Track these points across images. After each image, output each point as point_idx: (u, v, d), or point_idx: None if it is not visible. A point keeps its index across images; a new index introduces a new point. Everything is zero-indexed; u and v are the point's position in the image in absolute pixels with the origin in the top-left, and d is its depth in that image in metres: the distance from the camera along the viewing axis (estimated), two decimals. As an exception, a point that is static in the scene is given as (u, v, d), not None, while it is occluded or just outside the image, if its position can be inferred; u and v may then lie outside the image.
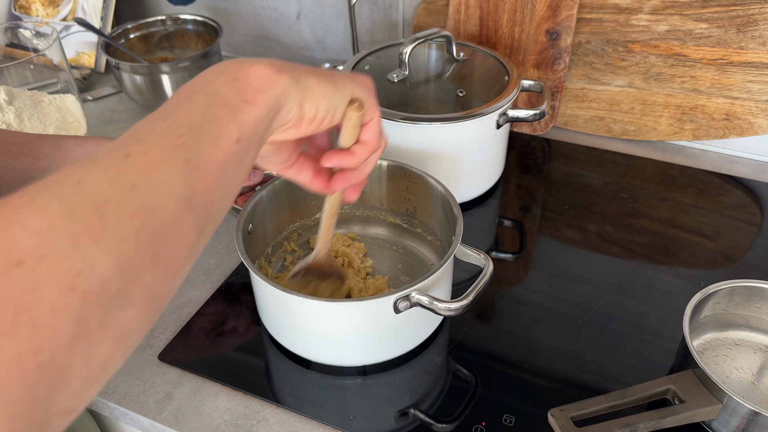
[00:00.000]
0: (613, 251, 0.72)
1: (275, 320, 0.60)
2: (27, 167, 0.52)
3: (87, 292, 0.24)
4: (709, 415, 0.51)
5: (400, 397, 0.57)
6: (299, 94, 0.38)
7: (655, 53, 0.83)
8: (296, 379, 0.59)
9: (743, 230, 0.75)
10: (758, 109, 0.81)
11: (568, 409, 0.50)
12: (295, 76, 0.38)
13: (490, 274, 0.55)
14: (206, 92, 0.34)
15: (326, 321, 0.55)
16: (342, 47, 1.06)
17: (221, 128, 0.33)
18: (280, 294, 0.53)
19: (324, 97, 0.40)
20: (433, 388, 0.58)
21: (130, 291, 0.26)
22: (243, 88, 0.35)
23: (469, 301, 0.52)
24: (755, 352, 0.57)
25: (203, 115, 0.32)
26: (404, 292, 0.52)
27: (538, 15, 0.84)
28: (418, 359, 0.60)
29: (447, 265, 0.56)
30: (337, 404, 0.57)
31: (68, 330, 0.23)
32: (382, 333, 0.57)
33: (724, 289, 0.57)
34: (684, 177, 0.84)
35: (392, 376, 0.59)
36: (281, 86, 0.37)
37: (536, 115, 0.74)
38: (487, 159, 0.78)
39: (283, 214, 0.68)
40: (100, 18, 1.08)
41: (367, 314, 0.54)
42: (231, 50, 1.17)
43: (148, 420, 0.56)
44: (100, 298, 0.24)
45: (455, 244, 0.56)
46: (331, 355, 0.58)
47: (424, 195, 0.66)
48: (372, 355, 0.59)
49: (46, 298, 0.23)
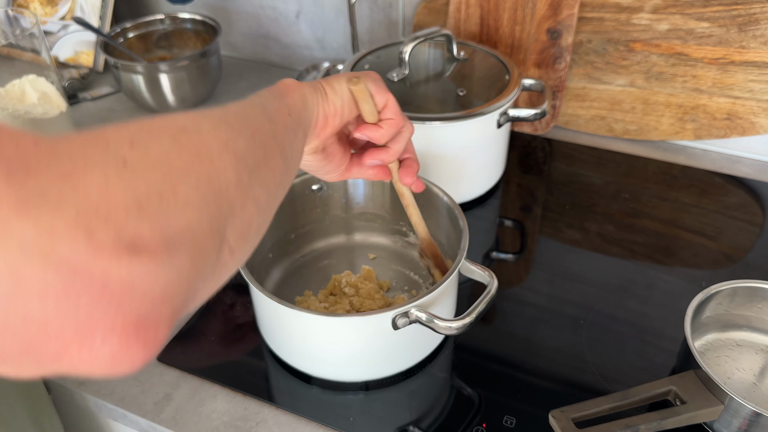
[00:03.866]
0: (615, 251, 0.72)
1: (273, 333, 0.59)
2: None
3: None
4: (711, 416, 0.50)
5: (401, 414, 0.56)
6: (319, 96, 0.46)
7: (656, 52, 0.83)
8: (297, 393, 0.58)
9: (745, 230, 0.75)
10: (760, 109, 0.81)
11: (569, 410, 0.50)
12: (311, 85, 0.46)
13: (494, 292, 0.53)
14: (252, 97, 0.41)
15: (324, 336, 0.54)
16: (342, 46, 1.06)
17: (276, 105, 0.40)
18: (277, 307, 0.52)
19: (335, 95, 0.47)
20: (435, 405, 0.57)
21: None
22: (279, 90, 0.43)
23: (471, 320, 0.50)
24: (757, 352, 0.57)
25: (260, 99, 0.40)
26: (403, 309, 0.51)
27: (539, 14, 0.84)
28: (422, 373, 0.59)
29: (449, 281, 0.54)
30: (338, 416, 0.56)
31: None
32: (382, 349, 0.55)
33: (726, 289, 0.56)
34: (685, 177, 0.84)
35: (395, 392, 0.58)
36: (305, 89, 0.45)
37: (537, 115, 0.74)
38: (488, 159, 0.77)
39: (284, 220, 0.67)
40: (99, 17, 1.07)
41: (365, 330, 0.53)
42: (230, 49, 1.16)
43: (146, 421, 0.56)
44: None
45: (459, 259, 0.55)
46: (330, 370, 0.57)
47: (431, 205, 0.65)
48: (372, 370, 0.57)
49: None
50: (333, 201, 0.70)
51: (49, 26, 1.11)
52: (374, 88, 0.48)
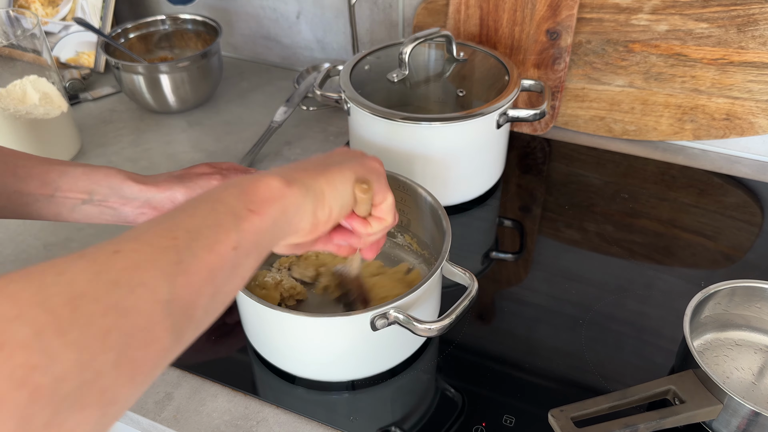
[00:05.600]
0: (614, 251, 0.72)
1: (256, 332, 0.59)
2: (33, 191, 0.52)
3: (38, 389, 0.23)
4: (710, 415, 0.50)
5: (386, 413, 0.56)
6: (312, 203, 0.39)
7: (655, 53, 0.83)
8: (281, 393, 0.58)
9: (744, 230, 0.75)
10: (759, 109, 0.81)
11: (569, 409, 0.50)
12: (305, 185, 0.38)
13: (474, 294, 0.52)
14: (212, 200, 0.34)
15: (304, 336, 0.54)
16: (342, 47, 1.06)
17: (220, 234, 0.32)
18: (257, 307, 0.52)
19: (335, 198, 0.41)
20: (419, 404, 0.57)
21: (85, 392, 0.25)
22: (249, 199, 0.35)
23: (450, 322, 0.50)
24: (756, 352, 0.57)
25: (204, 220, 0.32)
26: (381, 310, 0.50)
27: (538, 15, 0.84)
28: (410, 370, 0.59)
29: (430, 282, 0.53)
30: (327, 412, 0.56)
31: (8, 426, 0.22)
32: (363, 349, 0.55)
33: (725, 289, 0.57)
34: (684, 177, 0.84)
35: (381, 390, 0.58)
36: (291, 199, 0.37)
37: (536, 115, 0.74)
38: (487, 159, 0.78)
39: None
40: (100, 18, 1.08)
41: (344, 331, 0.53)
42: (230, 50, 1.16)
43: (147, 420, 0.56)
44: (51, 397, 0.23)
45: (440, 261, 0.55)
46: (313, 370, 0.57)
47: (417, 207, 0.65)
48: (355, 370, 0.57)
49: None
50: None
51: (50, 27, 1.11)
52: (378, 187, 0.44)
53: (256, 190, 0.36)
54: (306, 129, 0.96)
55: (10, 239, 0.76)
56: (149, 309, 0.28)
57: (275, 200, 0.36)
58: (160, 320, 0.28)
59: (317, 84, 0.80)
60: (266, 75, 1.10)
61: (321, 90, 0.78)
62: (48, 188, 0.52)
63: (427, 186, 0.64)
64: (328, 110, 1.00)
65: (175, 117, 1.00)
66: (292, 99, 0.96)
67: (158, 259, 0.29)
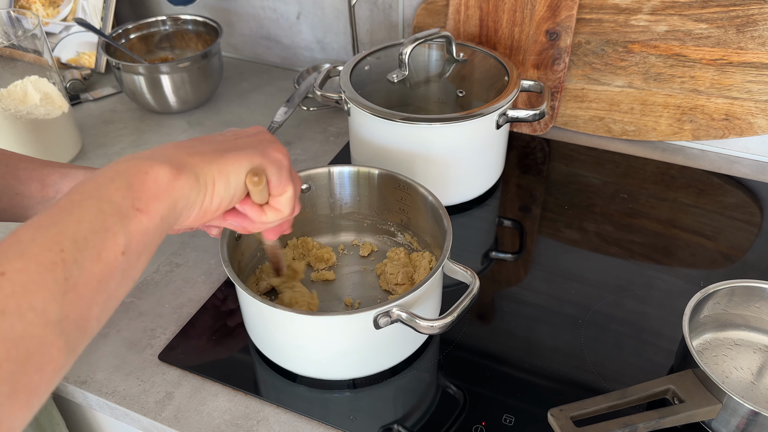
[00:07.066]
0: (613, 251, 0.72)
1: (258, 331, 0.59)
2: (35, 193, 0.52)
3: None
4: (709, 414, 0.51)
5: (386, 412, 0.56)
6: (200, 192, 0.38)
7: (654, 53, 0.83)
8: (282, 392, 0.58)
9: (743, 230, 0.75)
10: (758, 109, 0.81)
11: (568, 408, 0.50)
12: (195, 174, 0.37)
13: (476, 291, 0.53)
14: (98, 198, 0.33)
15: (306, 334, 0.54)
16: (342, 47, 1.06)
17: (107, 240, 0.31)
18: (259, 305, 0.52)
19: (226, 189, 0.40)
20: (420, 403, 0.57)
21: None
22: (136, 196, 0.34)
23: (452, 319, 0.50)
24: (755, 352, 0.58)
25: (91, 224, 0.31)
26: (384, 308, 0.51)
27: (537, 15, 0.85)
28: (410, 369, 0.59)
29: (432, 280, 0.54)
30: (328, 411, 0.56)
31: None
32: (365, 348, 0.55)
33: (724, 289, 0.57)
34: (683, 177, 0.84)
35: (382, 389, 0.58)
36: (179, 192, 0.36)
37: (536, 116, 0.74)
38: (487, 159, 0.78)
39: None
40: (101, 18, 1.08)
41: (347, 329, 0.53)
42: (231, 50, 1.17)
43: (148, 420, 0.56)
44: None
45: (442, 259, 0.55)
46: (314, 369, 0.57)
47: (417, 206, 0.65)
48: (357, 368, 0.57)
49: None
50: (321, 201, 0.70)
51: (50, 27, 1.11)
52: (276, 179, 0.43)
53: (144, 185, 0.34)
54: (306, 129, 0.96)
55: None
56: (40, 333, 0.27)
57: (163, 196, 0.35)
58: (53, 341, 0.27)
59: (317, 84, 0.80)
60: (266, 75, 1.11)
61: (321, 90, 0.78)
62: (49, 191, 0.53)
63: (426, 186, 0.64)
64: (328, 110, 1.00)
65: (175, 117, 1.00)
66: (292, 99, 0.96)
67: (46, 279, 0.28)
